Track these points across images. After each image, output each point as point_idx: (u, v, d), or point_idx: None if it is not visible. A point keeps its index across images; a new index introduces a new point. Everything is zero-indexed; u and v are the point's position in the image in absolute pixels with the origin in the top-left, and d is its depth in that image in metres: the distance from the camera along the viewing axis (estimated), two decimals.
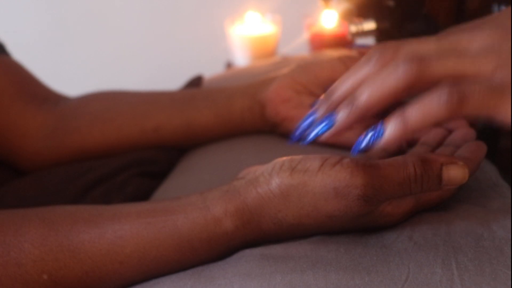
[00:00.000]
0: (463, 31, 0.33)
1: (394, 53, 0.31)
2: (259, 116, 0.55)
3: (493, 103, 0.29)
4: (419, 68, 0.30)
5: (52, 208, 0.38)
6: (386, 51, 0.31)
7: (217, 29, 1.17)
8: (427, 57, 0.30)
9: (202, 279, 0.34)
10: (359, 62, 0.33)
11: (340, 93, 0.33)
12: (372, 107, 0.31)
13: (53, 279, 0.35)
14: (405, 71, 0.30)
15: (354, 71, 0.33)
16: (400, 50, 0.31)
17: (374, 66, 0.32)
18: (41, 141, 0.57)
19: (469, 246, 0.33)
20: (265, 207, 0.35)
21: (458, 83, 0.29)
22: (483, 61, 0.30)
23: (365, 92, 0.31)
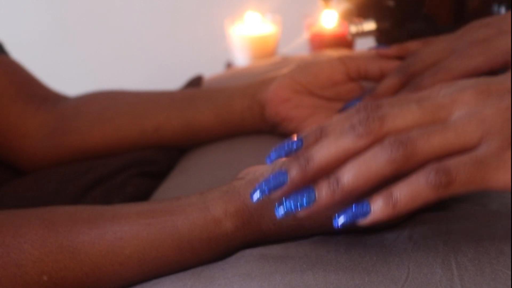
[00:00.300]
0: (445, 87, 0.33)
1: (379, 127, 0.30)
2: (258, 116, 0.55)
3: (481, 175, 0.29)
4: (405, 153, 0.29)
5: (51, 208, 0.38)
6: (371, 122, 0.30)
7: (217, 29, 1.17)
8: (412, 139, 0.29)
9: (202, 279, 0.34)
10: (341, 124, 0.31)
11: (320, 161, 0.31)
12: (356, 190, 0.30)
13: (53, 280, 0.35)
14: (391, 157, 0.29)
15: (336, 138, 0.31)
16: (384, 123, 0.30)
17: (358, 140, 0.30)
18: (40, 141, 0.57)
19: (469, 246, 0.33)
20: (265, 208, 0.35)
21: (443, 161, 0.29)
22: (468, 131, 0.29)
23: (349, 173, 0.30)
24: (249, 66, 0.83)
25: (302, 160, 0.31)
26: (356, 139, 0.30)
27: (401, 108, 0.31)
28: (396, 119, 0.30)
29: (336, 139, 0.31)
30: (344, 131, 0.30)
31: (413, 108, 0.31)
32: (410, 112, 0.31)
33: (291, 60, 0.76)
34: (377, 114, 0.30)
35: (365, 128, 0.30)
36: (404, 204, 0.29)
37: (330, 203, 0.30)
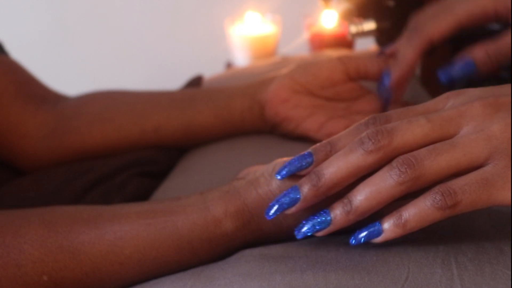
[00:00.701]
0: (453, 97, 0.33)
1: (388, 143, 0.31)
2: (258, 116, 0.55)
3: (487, 195, 0.30)
4: (414, 175, 0.30)
5: (51, 208, 0.38)
6: (380, 137, 0.31)
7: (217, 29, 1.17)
8: (420, 159, 0.30)
9: (202, 279, 0.34)
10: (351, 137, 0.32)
11: (331, 178, 0.31)
12: (369, 211, 0.31)
13: (53, 280, 0.35)
14: (400, 180, 0.30)
15: (345, 154, 0.31)
16: (394, 138, 0.31)
17: (368, 156, 0.31)
18: (40, 141, 0.57)
19: (469, 246, 0.33)
20: (265, 208, 0.35)
21: (449, 183, 0.30)
22: (475, 150, 0.30)
23: (361, 196, 0.31)
24: (249, 66, 0.83)
25: (314, 177, 0.32)
26: (365, 156, 0.31)
27: (410, 122, 0.31)
28: (405, 134, 0.31)
29: (346, 155, 0.31)
30: (354, 146, 0.31)
31: (421, 121, 0.31)
32: (419, 125, 0.31)
33: (291, 60, 0.76)
34: (386, 128, 0.31)
35: (374, 144, 0.31)
36: (413, 225, 0.31)
37: (345, 225, 0.32)
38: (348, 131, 0.33)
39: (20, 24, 1.51)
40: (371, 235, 0.32)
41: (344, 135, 0.33)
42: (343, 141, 0.33)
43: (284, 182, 0.35)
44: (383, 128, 0.31)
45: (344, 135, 0.33)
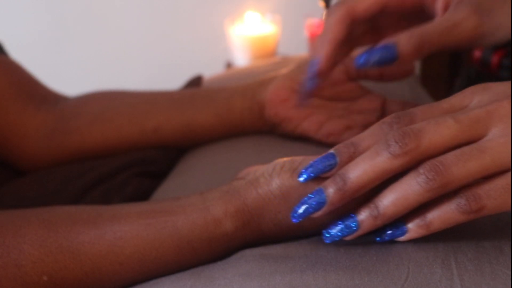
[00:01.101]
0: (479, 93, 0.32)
1: (416, 147, 0.30)
2: (258, 116, 0.55)
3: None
4: (442, 182, 0.30)
5: (51, 208, 0.38)
6: (407, 141, 0.30)
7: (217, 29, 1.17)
8: (447, 165, 0.29)
9: (202, 279, 0.34)
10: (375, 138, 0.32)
11: (358, 182, 0.31)
12: (396, 216, 0.32)
13: (53, 280, 0.35)
14: (428, 186, 0.30)
15: (371, 158, 0.30)
16: (421, 141, 0.30)
17: (395, 160, 0.30)
18: (40, 141, 0.57)
19: (469, 246, 0.33)
20: (265, 208, 0.35)
21: (475, 188, 0.30)
22: (503, 156, 0.29)
23: (388, 202, 0.31)
24: (249, 66, 0.83)
25: (339, 180, 0.31)
26: (392, 159, 0.30)
27: (437, 124, 0.30)
28: (433, 137, 0.30)
29: (372, 158, 0.31)
30: (380, 149, 0.30)
31: (449, 122, 0.30)
32: (447, 127, 0.30)
33: (291, 60, 0.76)
34: (413, 130, 0.30)
35: (401, 147, 0.30)
36: (436, 227, 0.31)
37: (372, 229, 0.32)
38: (371, 130, 0.32)
39: (20, 24, 1.51)
40: (395, 234, 0.33)
41: (367, 135, 0.32)
42: (366, 142, 0.32)
43: (284, 182, 0.35)
44: (409, 131, 0.30)
45: (367, 135, 0.32)
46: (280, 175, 0.35)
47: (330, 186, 0.32)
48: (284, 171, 0.35)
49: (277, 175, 0.35)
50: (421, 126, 0.30)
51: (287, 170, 0.35)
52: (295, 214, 0.33)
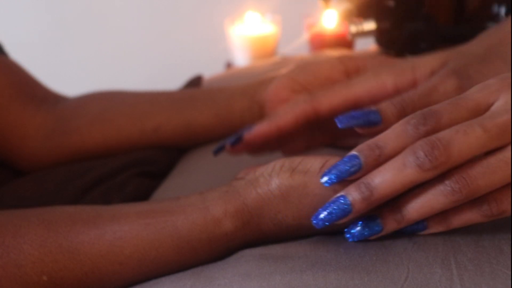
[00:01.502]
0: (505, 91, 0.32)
1: (446, 160, 0.30)
2: (258, 116, 0.55)
3: None
4: (468, 194, 0.30)
5: (51, 209, 0.38)
6: (437, 155, 0.30)
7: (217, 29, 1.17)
8: (474, 178, 0.30)
9: (202, 279, 0.34)
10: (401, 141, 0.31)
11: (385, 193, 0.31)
12: (418, 220, 0.33)
13: (52, 280, 0.35)
14: (454, 199, 0.30)
15: (399, 170, 0.30)
16: (451, 155, 0.30)
17: (424, 174, 0.30)
18: (40, 141, 0.57)
19: (469, 245, 0.33)
20: (264, 208, 0.35)
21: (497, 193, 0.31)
22: None
23: (413, 209, 0.32)
24: (249, 66, 0.83)
25: (365, 190, 0.31)
26: (421, 173, 0.30)
27: (466, 134, 0.30)
28: (462, 149, 0.30)
29: (400, 170, 0.30)
30: (408, 161, 0.30)
31: (478, 132, 0.30)
32: (475, 137, 0.30)
33: (291, 60, 0.76)
34: (442, 143, 0.30)
35: (430, 161, 0.30)
36: (456, 226, 0.33)
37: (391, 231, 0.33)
38: (396, 132, 0.32)
39: (20, 24, 1.51)
40: (416, 228, 0.33)
41: (392, 138, 0.32)
42: (392, 145, 0.31)
43: (284, 182, 0.35)
44: (438, 143, 0.30)
45: (392, 138, 0.32)
46: (280, 174, 0.35)
47: (355, 195, 0.31)
48: (284, 170, 0.35)
49: (277, 174, 0.35)
50: (449, 137, 0.30)
51: (286, 170, 0.35)
52: (319, 221, 0.33)
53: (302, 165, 0.35)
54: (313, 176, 0.34)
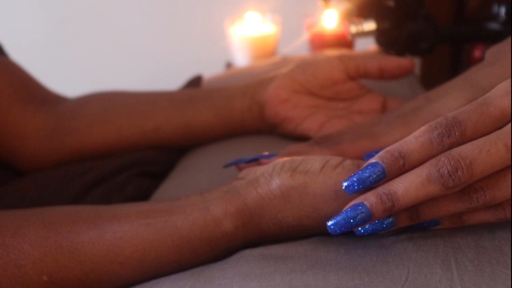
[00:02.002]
0: None
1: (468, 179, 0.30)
2: (258, 116, 0.55)
3: None
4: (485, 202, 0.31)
5: (51, 208, 0.38)
6: (461, 175, 0.30)
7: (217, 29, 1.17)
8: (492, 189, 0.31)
9: (202, 279, 0.34)
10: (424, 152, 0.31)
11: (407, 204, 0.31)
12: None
13: (52, 280, 0.35)
14: (471, 207, 0.31)
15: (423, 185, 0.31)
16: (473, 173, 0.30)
17: (447, 190, 0.30)
18: (40, 142, 0.57)
19: (469, 246, 0.33)
20: (265, 208, 0.35)
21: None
22: None
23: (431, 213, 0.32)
24: (249, 66, 0.83)
25: (387, 200, 0.31)
26: (444, 190, 0.30)
27: (489, 154, 0.30)
28: (485, 168, 0.30)
29: (424, 186, 0.31)
30: (432, 177, 0.30)
31: (501, 152, 0.30)
32: (499, 157, 0.30)
33: (291, 60, 0.76)
34: (465, 162, 0.30)
35: (454, 181, 0.30)
36: (469, 224, 0.34)
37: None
38: (420, 141, 0.31)
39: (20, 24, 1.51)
40: (428, 225, 0.34)
41: (417, 148, 0.31)
42: (416, 155, 0.31)
43: (284, 182, 0.35)
44: (462, 164, 0.30)
45: (417, 148, 0.31)
46: (280, 175, 0.35)
47: (377, 204, 0.31)
48: (284, 171, 0.35)
49: (277, 175, 0.35)
50: (473, 157, 0.30)
51: (287, 170, 0.35)
52: (336, 228, 0.32)
53: (303, 165, 0.35)
54: (313, 176, 0.34)
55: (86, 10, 1.51)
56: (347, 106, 0.54)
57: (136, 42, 1.53)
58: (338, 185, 0.33)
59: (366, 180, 0.31)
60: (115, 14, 1.51)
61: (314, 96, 0.54)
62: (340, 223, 0.32)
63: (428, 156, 0.31)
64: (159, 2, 1.49)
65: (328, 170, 0.34)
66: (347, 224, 0.32)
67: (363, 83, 0.56)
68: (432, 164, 0.30)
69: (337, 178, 0.33)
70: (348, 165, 0.34)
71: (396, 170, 0.31)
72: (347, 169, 0.33)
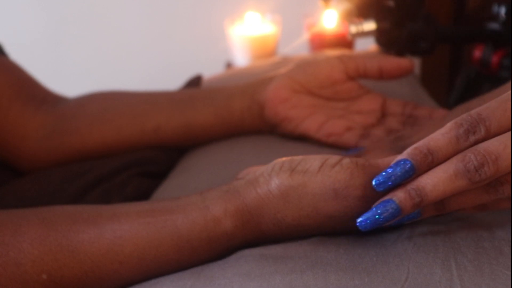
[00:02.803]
0: None
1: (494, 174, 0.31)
2: (258, 116, 0.55)
3: None
4: (509, 194, 0.32)
5: (51, 208, 0.38)
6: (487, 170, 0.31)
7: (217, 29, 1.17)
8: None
9: (202, 278, 0.34)
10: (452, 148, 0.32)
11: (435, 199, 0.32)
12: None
13: (52, 279, 0.35)
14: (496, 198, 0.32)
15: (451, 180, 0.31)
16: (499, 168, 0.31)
17: (473, 185, 0.31)
18: (40, 142, 0.57)
19: (469, 246, 0.33)
20: (264, 208, 0.35)
21: None
22: None
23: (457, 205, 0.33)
24: (249, 66, 0.83)
25: (415, 195, 0.32)
26: (471, 184, 0.31)
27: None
28: (510, 163, 0.31)
29: (452, 181, 0.31)
30: (459, 172, 0.31)
31: None
32: None
33: (291, 60, 0.76)
34: (491, 158, 0.31)
35: (480, 175, 0.31)
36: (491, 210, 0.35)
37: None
38: (447, 138, 0.32)
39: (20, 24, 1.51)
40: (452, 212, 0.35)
41: (444, 144, 0.32)
42: (443, 152, 0.32)
43: (283, 182, 0.34)
44: (488, 159, 0.31)
45: (444, 144, 0.32)
46: (279, 175, 0.35)
47: (406, 200, 0.32)
48: (283, 171, 0.35)
49: (276, 175, 0.35)
50: (498, 152, 0.31)
51: (286, 170, 0.35)
52: (367, 224, 0.33)
53: (302, 165, 0.35)
54: (312, 176, 0.34)
55: (86, 10, 1.51)
56: (346, 106, 0.54)
57: (136, 42, 1.52)
58: (336, 184, 0.33)
59: (397, 177, 0.32)
60: (115, 14, 1.51)
61: (314, 96, 0.54)
62: (370, 219, 0.32)
63: (454, 152, 0.32)
64: (159, 2, 1.49)
65: (327, 169, 0.34)
66: (376, 221, 0.32)
67: (363, 83, 0.56)
68: (458, 159, 0.31)
69: (335, 177, 0.33)
70: (347, 164, 0.34)
71: (424, 167, 0.32)
72: (346, 168, 0.33)
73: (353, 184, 0.33)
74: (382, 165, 0.33)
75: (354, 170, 0.33)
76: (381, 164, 0.34)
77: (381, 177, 0.32)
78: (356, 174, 0.33)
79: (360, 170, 0.33)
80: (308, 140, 0.53)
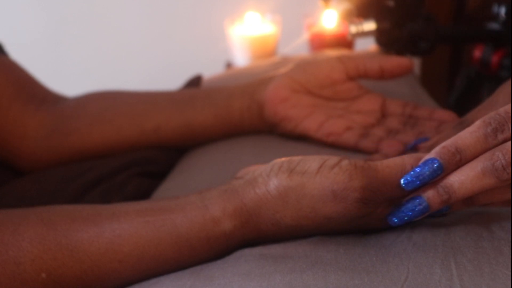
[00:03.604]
0: None
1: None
2: (257, 116, 0.55)
3: None
4: None
5: (50, 207, 0.38)
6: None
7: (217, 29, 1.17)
8: None
9: (202, 278, 0.34)
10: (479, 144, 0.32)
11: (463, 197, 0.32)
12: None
13: (51, 278, 0.35)
14: None
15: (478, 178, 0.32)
16: None
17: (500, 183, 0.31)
18: (39, 142, 0.57)
19: (468, 246, 0.33)
20: (263, 208, 0.35)
21: None
22: None
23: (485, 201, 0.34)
24: (249, 66, 0.83)
25: (443, 193, 0.32)
26: (499, 182, 0.31)
27: None
28: None
29: (480, 179, 0.32)
30: (487, 171, 0.31)
31: None
32: None
33: (291, 60, 0.76)
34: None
35: (508, 174, 0.31)
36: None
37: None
38: (476, 137, 0.32)
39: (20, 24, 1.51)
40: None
41: (472, 143, 0.32)
42: (472, 150, 0.32)
43: (282, 182, 0.34)
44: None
45: (472, 143, 0.32)
46: (278, 175, 0.35)
47: (434, 198, 0.32)
48: (282, 171, 0.35)
49: (275, 175, 0.35)
50: None
51: (284, 171, 0.35)
52: (397, 220, 0.33)
53: (300, 166, 0.35)
54: (311, 177, 0.34)
55: (86, 10, 1.51)
56: (346, 106, 0.54)
57: (136, 42, 1.52)
58: (335, 186, 0.33)
59: (425, 176, 0.32)
60: (115, 14, 1.51)
61: (314, 95, 0.54)
62: (400, 216, 0.33)
63: (482, 150, 0.32)
64: (159, 2, 1.49)
65: (325, 170, 0.34)
66: (406, 216, 0.33)
67: (362, 83, 0.56)
68: (486, 158, 0.31)
69: (334, 178, 0.33)
70: (345, 165, 0.34)
71: (453, 165, 0.32)
72: (344, 170, 0.33)
73: (351, 186, 0.33)
74: (380, 168, 0.33)
75: (352, 172, 0.33)
76: (379, 167, 0.33)
77: (409, 176, 0.33)
78: (355, 176, 0.33)
79: (359, 172, 0.33)
80: (307, 139, 0.53)
